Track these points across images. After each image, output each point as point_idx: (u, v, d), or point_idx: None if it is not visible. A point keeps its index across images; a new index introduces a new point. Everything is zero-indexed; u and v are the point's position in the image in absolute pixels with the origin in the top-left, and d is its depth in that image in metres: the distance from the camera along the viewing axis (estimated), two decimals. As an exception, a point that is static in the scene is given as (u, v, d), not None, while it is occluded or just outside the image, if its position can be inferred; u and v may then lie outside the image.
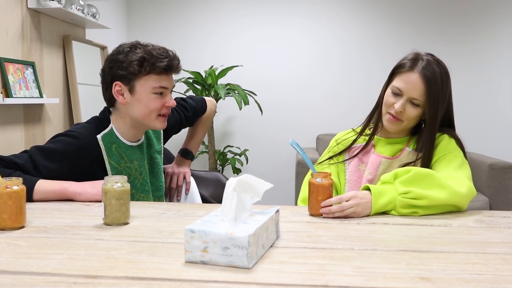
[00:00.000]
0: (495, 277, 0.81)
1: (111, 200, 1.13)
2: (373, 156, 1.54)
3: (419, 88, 1.41)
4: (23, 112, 2.65)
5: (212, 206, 1.42)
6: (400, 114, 1.44)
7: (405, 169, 1.30)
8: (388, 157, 1.51)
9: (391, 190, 1.26)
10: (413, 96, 1.42)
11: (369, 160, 1.54)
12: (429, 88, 1.41)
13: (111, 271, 0.83)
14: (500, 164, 3.40)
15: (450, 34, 4.11)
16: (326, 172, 1.27)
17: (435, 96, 1.42)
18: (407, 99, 1.43)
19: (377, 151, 1.55)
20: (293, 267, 0.85)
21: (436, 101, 1.42)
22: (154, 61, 1.46)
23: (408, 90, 1.42)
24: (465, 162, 1.41)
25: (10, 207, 1.09)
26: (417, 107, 1.44)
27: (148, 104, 1.49)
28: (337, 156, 1.60)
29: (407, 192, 1.24)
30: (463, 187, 1.28)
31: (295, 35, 4.22)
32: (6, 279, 0.80)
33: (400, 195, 1.24)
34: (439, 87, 1.42)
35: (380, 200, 1.24)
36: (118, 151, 1.54)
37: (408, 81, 1.43)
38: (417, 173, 1.26)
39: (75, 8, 2.94)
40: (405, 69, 1.44)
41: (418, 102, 1.43)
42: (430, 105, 1.42)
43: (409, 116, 1.45)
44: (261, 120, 4.15)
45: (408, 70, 1.43)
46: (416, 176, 1.26)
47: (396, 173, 1.30)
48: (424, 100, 1.42)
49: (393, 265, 0.87)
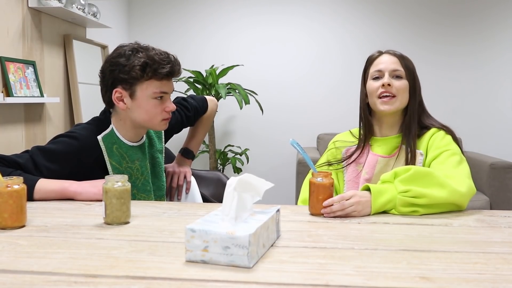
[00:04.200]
0: (495, 276, 0.81)
1: (111, 199, 1.13)
2: (370, 156, 1.54)
3: (395, 61, 1.52)
4: (24, 111, 2.65)
5: (212, 206, 1.42)
6: (390, 88, 1.48)
7: (404, 168, 1.29)
8: (384, 155, 1.52)
9: (390, 189, 1.26)
10: (392, 68, 1.50)
11: (366, 160, 1.54)
12: (403, 60, 1.52)
13: (111, 270, 0.83)
14: (501, 163, 3.40)
15: (451, 34, 4.11)
16: (326, 171, 1.27)
17: (411, 69, 1.52)
18: (389, 74, 1.50)
19: (373, 150, 1.55)
20: (293, 267, 0.85)
21: (413, 73, 1.52)
22: (156, 67, 1.45)
23: (386, 67, 1.51)
24: (464, 159, 1.41)
25: (11, 206, 1.09)
26: (401, 78, 1.51)
27: (148, 109, 1.49)
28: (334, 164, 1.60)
29: (407, 191, 1.24)
30: (463, 186, 1.27)
31: (296, 34, 4.22)
32: (6, 278, 0.80)
33: (400, 193, 1.24)
34: (410, 62, 1.54)
35: (380, 199, 1.24)
36: (119, 152, 1.54)
37: (382, 61, 1.53)
38: (416, 172, 1.26)
39: (76, 7, 2.94)
40: (375, 56, 1.56)
41: (400, 73, 1.50)
42: (410, 76, 1.51)
43: (398, 88, 1.49)
44: (262, 119, 4.15)
45: (378, 55, 1.56)
46: (416, 175, 1.25)
47: (396, 172, 1.29)
48: (403, 68, 1.50)
49: (394, 264, 0.87)
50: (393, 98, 1.48)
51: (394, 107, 1.49)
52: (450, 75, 4.13)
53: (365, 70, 1.58)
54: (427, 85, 4.11)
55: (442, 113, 4.10)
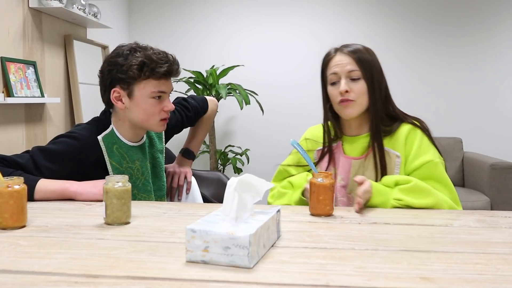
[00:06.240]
0: (496, 277, 0.81)
1: (112, 199, 1.13)
2: (342, 160, 1.52)
3: (349, 61, 1.46)
4: (24, 111, 2.65)
5: (213, 206, 1.42)
6: (348, 94, 1.45)
7: (406, 178, 1.37)
8: (357, 157, 1.50)
9: (388, 193, 1.35)
10: (348, 69, 1.45)
11: (340, 164, 1.52)
12: (358, 58, 1.46)
13: (112, 271, 0.83)
14: (501, 164, 3.40)
15: (451, 34, 4.11)
16: (327, 172, 1.27)
17: (367, 67, 1.46)
18: (346, 77, 1.46)
19: (345, 152, 1.53)
20: (294, 267, 0.85)
21: (370, 71, 1.46)
22: (154, 66, 1.45)
23: (341, 68, 1.46)
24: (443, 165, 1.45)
25: (12, 207, 1.09)
26: (359, 80, 1.46)
27: (146, 109, 1.48)
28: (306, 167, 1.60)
29: (400, 200, 1.34)
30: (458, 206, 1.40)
31: (296, 35, 4.22)
32: (7, 279, 0.80)
33: (394, 199, 1.34)
34: (365, 54, 1.48)
35: (378, 198, 1.34)
36: (119, 152, 1.54)
37: (337, 62, 1.48)
38: (416, 185, 1.34)
39: (76, 7, 2.94)
40: (329, 57, 1.51)
41: (356, 74, 1.45)
42: (367, 74, 1.45)
43: (356, 92, 1.45)
44: (262, 119, 4.15)
45: (332, 56, 1.50)
46: (415, 188, 1.34)
47: (397, 180, 1.37)
48: (359, 68, 1.45)
49: (394, 265, 0.87)
50: (352, 102, 1.45)
51: (355, 110, 1.47)
52: (450, 75, 4.13)
53: (322, 72, 1.53)
54: (427, 85, 4.14)
55: (442, 113, 4.12)
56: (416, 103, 4.06)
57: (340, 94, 1.45)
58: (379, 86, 1.47)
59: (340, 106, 1.47)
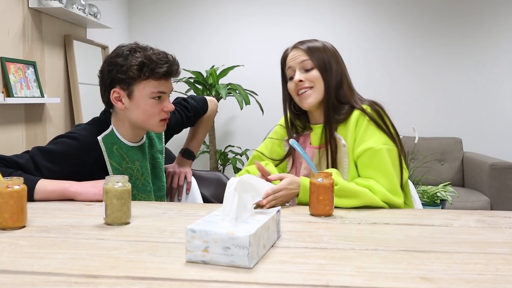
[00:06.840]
0: (496, 277, 0.81)
1: (112, 199, 1.13)
2: (308, 150, 1.57)
3: (301, 53, 1.53)
4: (24, 111, 2.65)
5: (213, 206, 1.42)
6: (303, 83, 1.50)
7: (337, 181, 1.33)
8: (317, 146, 1.55)
9: None
10: (300, 60, 1.52)
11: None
12: (307, 46, 1.53)
13: (112, 271, 0.83)
14: (501, 164, 3.40)
15: (451, 34, 4.11)
16: (327, 172, 1.27)
17: (317, 50, 1.52)
18: (299, 68, 1.52)
19: (312, 142, 1.58)
20: (294, 267, 0.85)
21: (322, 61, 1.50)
22: (153, 67, 1.45)
23: (294, 61, 1.53)
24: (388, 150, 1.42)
25: (11, 207, 1.09)
26: (312, 69, 1.50)
27: (146, 109, 1.48)
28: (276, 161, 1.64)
29: None
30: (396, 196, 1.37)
31: (296, 35, 4.18)
32: (7, 279, 0.80)
33: None
34: (316, 43, 1.55)
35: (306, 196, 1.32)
36: (119, 152, 1.54)
37: (290, 57, 1.55)
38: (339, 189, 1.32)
39: (76, 7, 2.94)
40: (285, 54, 1.58)
41: (307, 64, 1.51)
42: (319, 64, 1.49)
43: (311, 79, 1.50)
44: (262, 120, 4.15)
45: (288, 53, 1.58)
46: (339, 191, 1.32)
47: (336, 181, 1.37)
48: (310, 57, 1.50)
49: (394, 265, 0.87)
50: (310, 90, 1.50)
51: (314, 98, 1.51)
52: (450, 75, 4.13)
53: (282, 70, 1.60)
54: (427, 85, 4.14)
55: (442, 113, 4.12)
56: (416, 103, 4.06)
57: (296, 85, 1.51)
58: (331, 73, 1.51)
59: (300, 98, 1.53)
